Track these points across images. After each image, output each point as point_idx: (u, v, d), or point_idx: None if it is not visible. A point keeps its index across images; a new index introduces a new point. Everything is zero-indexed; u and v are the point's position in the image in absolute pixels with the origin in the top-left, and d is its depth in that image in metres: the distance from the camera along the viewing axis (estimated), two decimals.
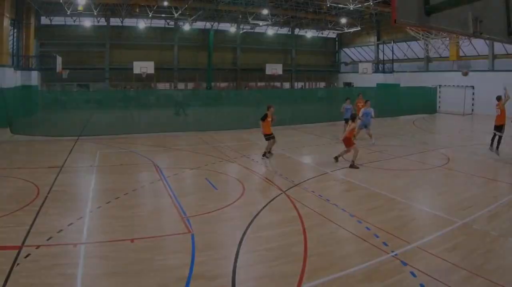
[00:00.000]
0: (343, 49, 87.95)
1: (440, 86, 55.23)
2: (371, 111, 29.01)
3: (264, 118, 23.52)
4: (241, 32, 78.10)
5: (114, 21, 69.93)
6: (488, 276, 10.00)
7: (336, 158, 22.99)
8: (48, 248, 11.62)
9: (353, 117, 23.18)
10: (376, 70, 71.29)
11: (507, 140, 25.78)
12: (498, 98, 24.39)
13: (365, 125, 28.56)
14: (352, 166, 21.90)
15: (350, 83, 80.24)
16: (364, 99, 32.18)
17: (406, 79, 62.17)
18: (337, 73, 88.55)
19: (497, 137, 24.16)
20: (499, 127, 24.18)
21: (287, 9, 66.62)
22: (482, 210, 15.09)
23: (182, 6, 60.66)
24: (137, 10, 63.00)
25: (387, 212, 15.06)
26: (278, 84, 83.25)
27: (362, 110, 28.94)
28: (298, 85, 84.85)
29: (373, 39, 77.36)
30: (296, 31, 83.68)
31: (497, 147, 24.08)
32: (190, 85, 76.40)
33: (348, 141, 22.43)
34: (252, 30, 77.87)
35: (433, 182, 19.64)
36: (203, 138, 31.62)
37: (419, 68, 66.68)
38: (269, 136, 23.63)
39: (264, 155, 23.75)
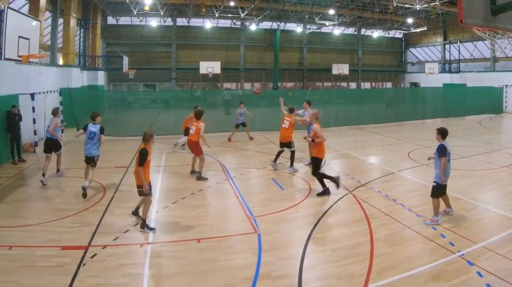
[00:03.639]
0: (410, 49, 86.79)
1: (506, 86, 54.01)
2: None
3: (143, 159, 13.28)
4: (307, 32, 78.09)
5: (181, 21, 71.00)
6: None
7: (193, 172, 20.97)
8: (115, 248, 11.77)
9: (199, 114, 21.49)
10: (443, 70, 70.30)
11: None
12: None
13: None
14: (199, 177, 20.07)
15: (417, 83, 79.41)
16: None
17: (473, 79, 61.14)
18: (403, 73, 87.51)
19: None
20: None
21: (353, 9, 66.18)
22: None
23: (249, 6, 60.96)
24: (204, 10, 63.50)
25: (454, 212, 14.81)
26: (344, 84, 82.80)
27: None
28: (365, 85, 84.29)
29: (439, 39, 76.17)
30: (363, 31, 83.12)
31: None
32: (257, 85, 76.38)
33: (196, 148, 20.57)
34: (318, 30, 77.83)
35: (499, 182, 19.19)
36: (269, 138, 31.58)
37: (485, 68, 65.35)
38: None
39: (143, 225, 13.34)
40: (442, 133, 14.21)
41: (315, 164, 17.43)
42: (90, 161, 17.89)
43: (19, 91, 25.01)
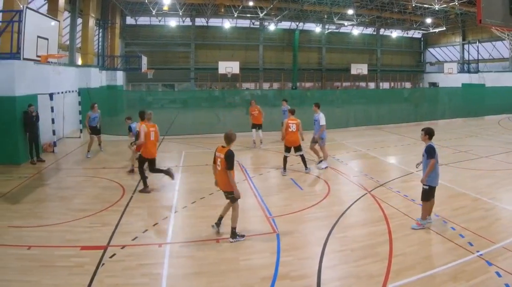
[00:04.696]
0: (428, 49, 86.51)
1: None
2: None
3: (233, 162, 12.25)
4: (326, 32, 77.94)
5: (199, 21, 71.19)
6: None
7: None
8: (133, 248, 11.76)
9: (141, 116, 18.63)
10: (461, 70, 70.06)
11: None
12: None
13: None
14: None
15: (435, 83, 79.17)
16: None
17: (491, 79, 60.83)
18: (422, 73, 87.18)
19: None
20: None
21: (372, 9, 66.11)
22: None
23: (267, 6, 60.99)
24: (222, 10, 63.56)
25: (472, 212, 14.84)
26: (363, 84, 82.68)
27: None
28: (383, 85, 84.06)
29: (458, 39, 75.81)
30: (381, 31, 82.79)
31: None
32: (276, 85, 76.76)
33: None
34: (337, 30, 77.68)
35: None
36: None
37: (503, 68, 64.95)
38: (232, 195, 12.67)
39: (234, 235, 12.36)
40: (429, 133, 13.90)
41: (144, 162, 17.76)
42: None
43: (38, 91, 25.11)
